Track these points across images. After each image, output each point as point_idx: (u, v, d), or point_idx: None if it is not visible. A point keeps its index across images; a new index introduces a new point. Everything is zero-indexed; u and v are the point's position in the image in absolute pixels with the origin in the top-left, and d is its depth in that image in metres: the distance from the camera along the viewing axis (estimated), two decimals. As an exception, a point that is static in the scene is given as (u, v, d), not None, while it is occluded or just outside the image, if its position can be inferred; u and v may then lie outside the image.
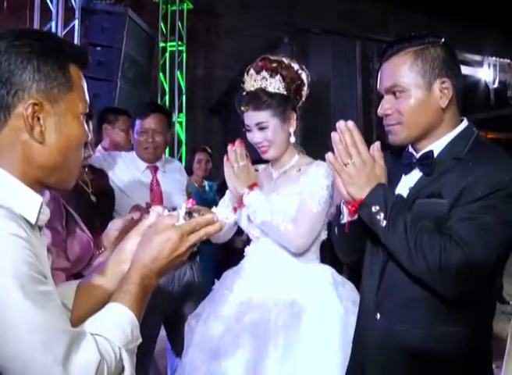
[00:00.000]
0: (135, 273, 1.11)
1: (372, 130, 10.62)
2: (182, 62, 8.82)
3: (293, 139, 2.21)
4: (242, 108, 2.14)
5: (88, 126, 1.19)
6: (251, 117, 2.14)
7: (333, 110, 12.19)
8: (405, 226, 1.41)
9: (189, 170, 4.60)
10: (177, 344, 2.87)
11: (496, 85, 10.22)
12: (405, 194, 1.57)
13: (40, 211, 1.03)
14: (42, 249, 1.04)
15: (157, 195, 2.89)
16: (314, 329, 2.01)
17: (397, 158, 1.68)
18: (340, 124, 1.47)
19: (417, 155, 1.59)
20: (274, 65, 2.13)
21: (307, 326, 2.02)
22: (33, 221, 1.02)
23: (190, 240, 1.17)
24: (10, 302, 0.87)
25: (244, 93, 2.16)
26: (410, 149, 1.63)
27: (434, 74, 1.52)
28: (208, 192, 5.05)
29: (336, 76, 11.78)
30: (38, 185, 1.07)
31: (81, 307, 1.19)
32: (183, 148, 8.73)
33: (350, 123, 1.48)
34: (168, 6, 8.59)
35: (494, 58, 9.62)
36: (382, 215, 1.43)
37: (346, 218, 1.60)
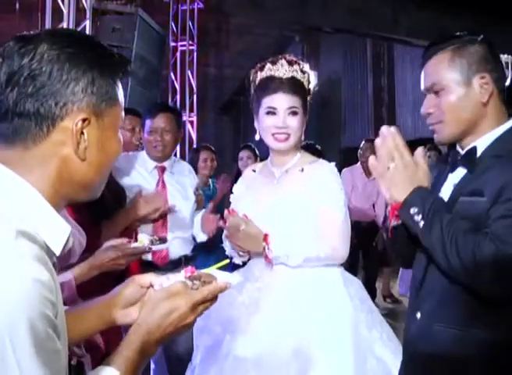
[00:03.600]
0: (137, 339, 1.05)
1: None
2: (193, 62, 8.83)
3: (303, 136, 2.21)
4: (274, 89, 2.10)
5: None
6: (284, 100, 2.10)
7: (344, 108, 12.17)
8: (441, 225, 1.42)
9: (194, 169, 4.61)
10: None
11: (507, 83, 10.15)
12: (450, 191, 1.59)
13: (66, 242, 0.95)
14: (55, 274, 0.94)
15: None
16: (325, 327, 2.01)
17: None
18: (383, 129, 1.51)
19: (463, 152, 1.61)
20: (300, 63, 2.18)
21: (317, 325, 2.01)
22: (57, 253, 0.94)
23: (200, 310, 1.11)
24: (23, 361, 0.79)
25: (272, 78, 2.12)
26: (458, 147, 1.65)
27: (472, 70, 1.54)
28: (213, 189, 5.05)
29: (347, 75, 11.76)
30: (64, 202, 1.00)
31: None
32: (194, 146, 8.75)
33: (393, 129, 1.51)
34: (179, 5, 8.60)
35: (506, 55, 9.56)
36: (420, 216, 1.45)
37: (391, 223, 1.63)
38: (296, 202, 2.13)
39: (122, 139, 1.04)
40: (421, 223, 1.45)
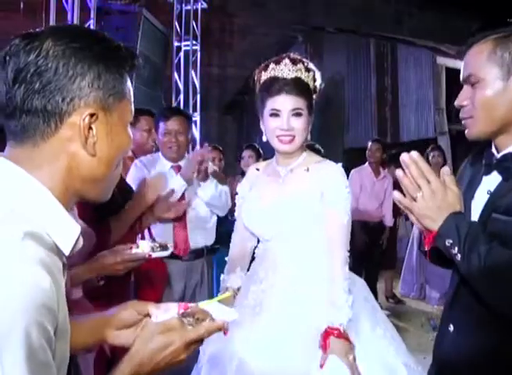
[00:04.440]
0: (128, 369, 1.05)
1: (386, 127, 10.60)
2: (196, 62, 8.85)
3: (309, 136, 2.20)
4: (277, 91, 2.09)
5: None
6: (287, 102, 2.06)
7: (347, 108, 12.17)
8: (479, 259, 1.32)
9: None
10: None
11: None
12: (484, 198, 1.47)
13: (76, 242, 0.95)
14: (61, 276, 0.93)
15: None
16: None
17: (480, 157, 1.56)
18: (403, 157, 1.36)
19: (498, 156, 1.47)
20: (305, 61, 2.15)
21: (317, 324, 2.02)
22: (67, 253, 0.93)
23: (193, 348, 1.11)
24: (10, 370, 0.79)
25: (276, 79, 2.11)
26: (493, 148, 1.50)
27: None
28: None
29: (351, 75, 11.77)
30: (75, 199, 0.99)
31: None
32: (197, 146, 8.76)
33: (415, 154, 1.36)
34: (183, 6, 8.62)
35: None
36: (457, 248, 1.35)
37: (427, 248, 1.56)
38: (302, 201, 2.12)
39: (131, 134, 1.03)
40: (459, 256, 1.35)
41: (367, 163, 5.58)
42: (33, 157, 0.92)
